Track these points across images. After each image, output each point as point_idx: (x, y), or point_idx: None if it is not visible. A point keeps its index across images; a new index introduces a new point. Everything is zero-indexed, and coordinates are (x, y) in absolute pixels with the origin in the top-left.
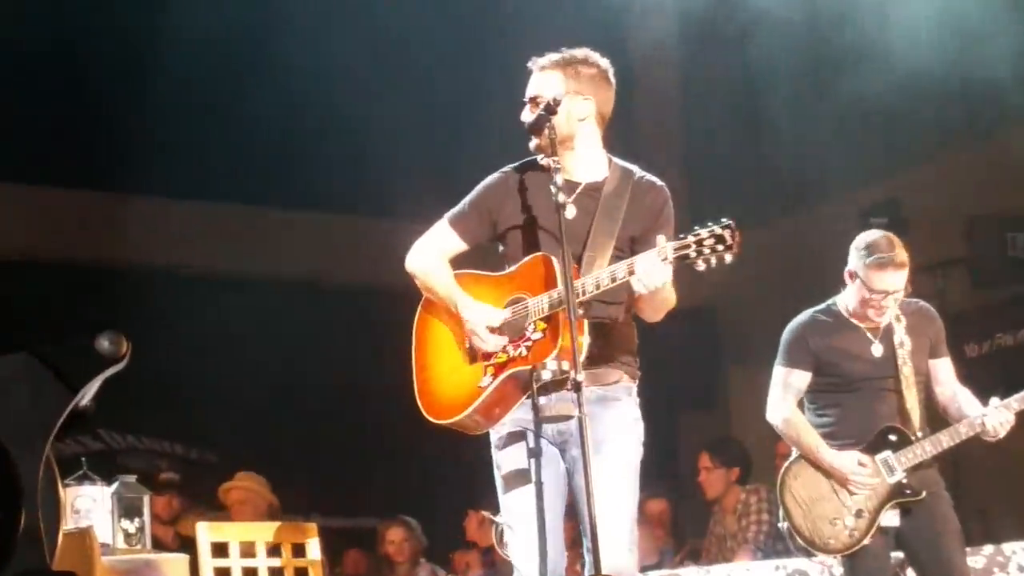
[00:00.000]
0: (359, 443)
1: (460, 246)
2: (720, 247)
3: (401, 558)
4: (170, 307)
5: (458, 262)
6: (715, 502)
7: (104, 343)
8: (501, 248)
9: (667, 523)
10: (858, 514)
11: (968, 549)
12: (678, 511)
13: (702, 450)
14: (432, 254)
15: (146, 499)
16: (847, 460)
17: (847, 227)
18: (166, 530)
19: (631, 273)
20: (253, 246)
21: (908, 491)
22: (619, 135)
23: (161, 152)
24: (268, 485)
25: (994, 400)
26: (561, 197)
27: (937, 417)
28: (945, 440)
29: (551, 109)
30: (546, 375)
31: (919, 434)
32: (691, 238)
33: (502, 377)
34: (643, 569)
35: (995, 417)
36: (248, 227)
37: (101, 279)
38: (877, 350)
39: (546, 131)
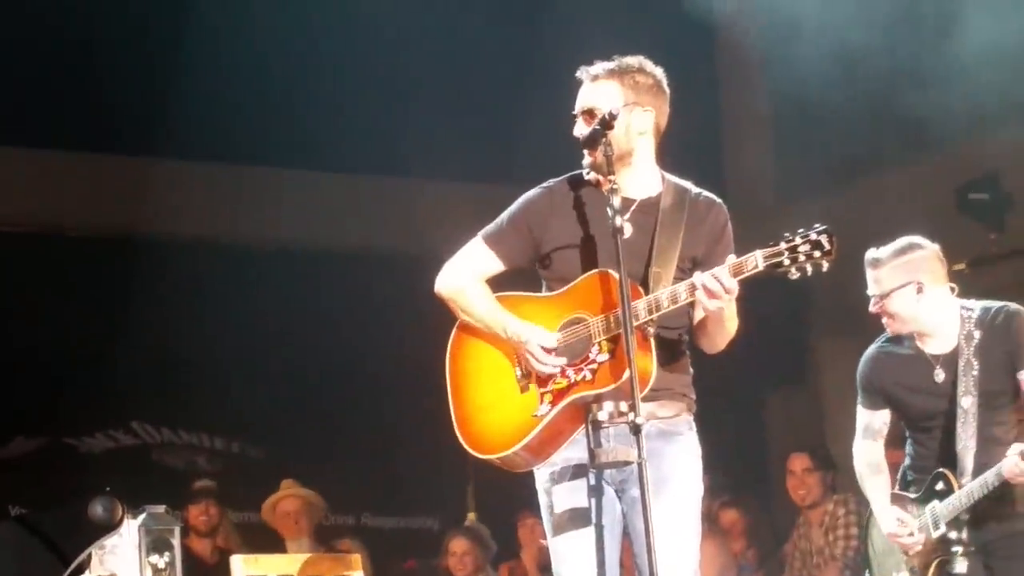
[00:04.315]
0: (419, 432)
1: (497, 267)
2: (817, 253)
3: (462, 572)
4: (206, 282)
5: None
6: (805, 511)
7: (98, 510)
8: (543, 271)
9: (744, 532)
10: (912, 571)
11: None
12: (762, 512)
13: (793, 451)
14: (467, 275)
15: (176, 530)
16: (888, 518)
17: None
18: (204, 543)
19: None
20: (300, 212)
21: (955, 547)
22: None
23: (195, 113)
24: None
25: (1013, 447)
26: (618, 220)
27: None
28: (976, 491)
29: (607, 123)
30: (602, 415)
31: (965, 480)
32: (784, 245)
33: (563, 404)
34: None
35: (1012, 467)
36: (298, 191)
37: (126, 250)
38: (939, 376)
39: (602, 147)
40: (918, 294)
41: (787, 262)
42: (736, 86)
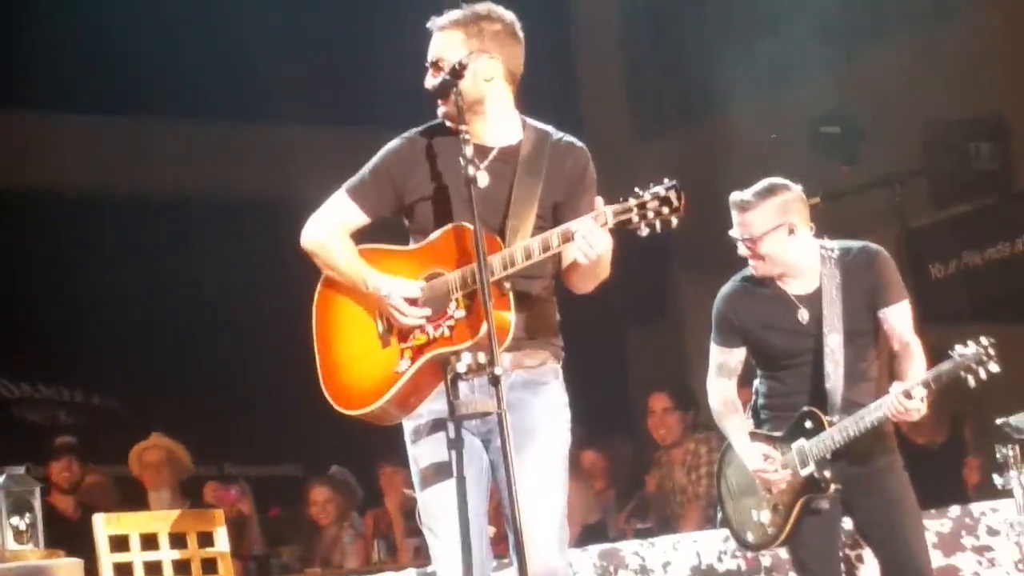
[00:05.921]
0: (280, 380)
1: (361, 219)
2: (666, 210)
3: (326, 520)
4: (61, 234)
5: (357, 238)
6: (667, 450)
7: None
8: (408, 222)
9: (605, 472)
10: (774, 509)
11: (933, 511)
12: (623, 451)
13: (654, 390)
14: (330, 228)
15: (37, 491)
16: (753, 454)
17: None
18: (67, 500)
19: (567, 240)
20: (159, 160)
21: (823, 484)
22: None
23: (51, 62)
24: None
25: (895, 386)
26: (471, 169)
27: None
28: (851, 428)
29: (456, 73)
30: (460, 367)
31: (835, 418)
32: (633, 201)
33: (421, 361)
34: (585, 529)
35: (894, 404)
36: (159, 139)
37: None
38: (803, 316)
39: (452, 97)
40: (790, 236)
41: (636, 219)
42: (589, 23)
